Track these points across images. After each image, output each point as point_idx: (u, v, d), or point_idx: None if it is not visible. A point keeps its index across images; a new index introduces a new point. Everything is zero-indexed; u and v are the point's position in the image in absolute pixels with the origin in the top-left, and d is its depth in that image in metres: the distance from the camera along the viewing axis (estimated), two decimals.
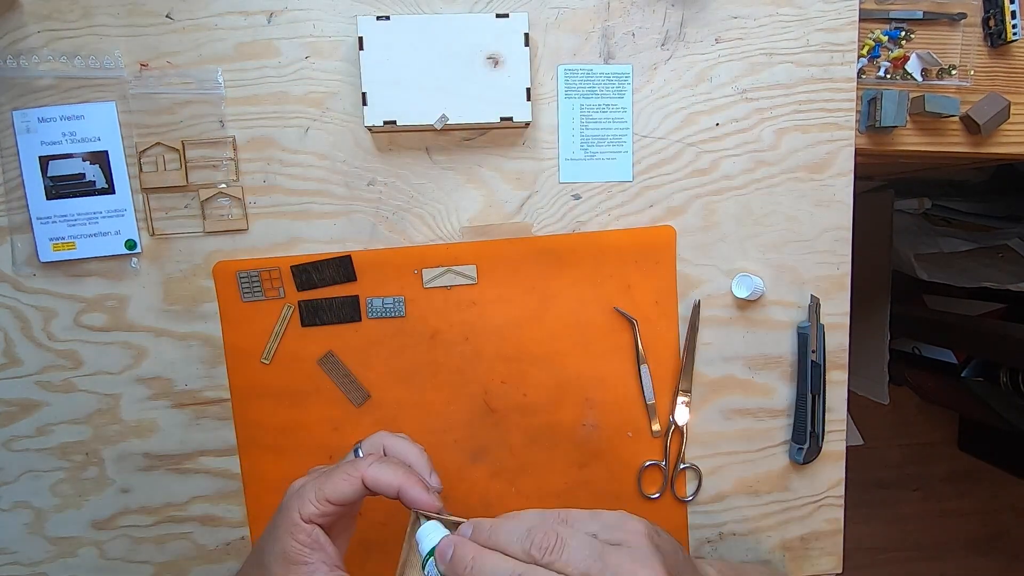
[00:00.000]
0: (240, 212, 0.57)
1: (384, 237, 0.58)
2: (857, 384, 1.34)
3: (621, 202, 0.59)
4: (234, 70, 0.55)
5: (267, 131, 0.56)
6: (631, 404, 0.60)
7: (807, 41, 0.59)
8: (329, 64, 0.56)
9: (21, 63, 0.54)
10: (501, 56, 0.54)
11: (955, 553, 1.68)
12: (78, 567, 0.59)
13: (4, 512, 0.58)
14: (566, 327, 0.59)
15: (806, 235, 0.61)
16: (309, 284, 0.58)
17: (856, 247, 0.62)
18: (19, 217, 0.55)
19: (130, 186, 0.56)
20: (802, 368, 0.61)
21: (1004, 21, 0.63)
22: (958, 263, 1.22)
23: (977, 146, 0.66)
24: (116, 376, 0.58)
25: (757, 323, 0.62)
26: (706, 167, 0.60)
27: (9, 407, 0.57)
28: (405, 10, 0.56)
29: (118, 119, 0.55)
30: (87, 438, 0.58)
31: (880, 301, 1.25)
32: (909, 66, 0.64)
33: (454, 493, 0.60)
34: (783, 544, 0.64)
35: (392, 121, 0.54)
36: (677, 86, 0.59)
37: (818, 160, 0.60)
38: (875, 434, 1.67)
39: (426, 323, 0.59)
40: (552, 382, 0.60)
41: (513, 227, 0.59)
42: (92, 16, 0.54)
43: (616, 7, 0.58)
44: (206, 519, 0.60)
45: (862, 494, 1.66)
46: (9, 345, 0.57)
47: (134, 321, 0.57)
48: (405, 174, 0.58)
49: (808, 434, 0.61)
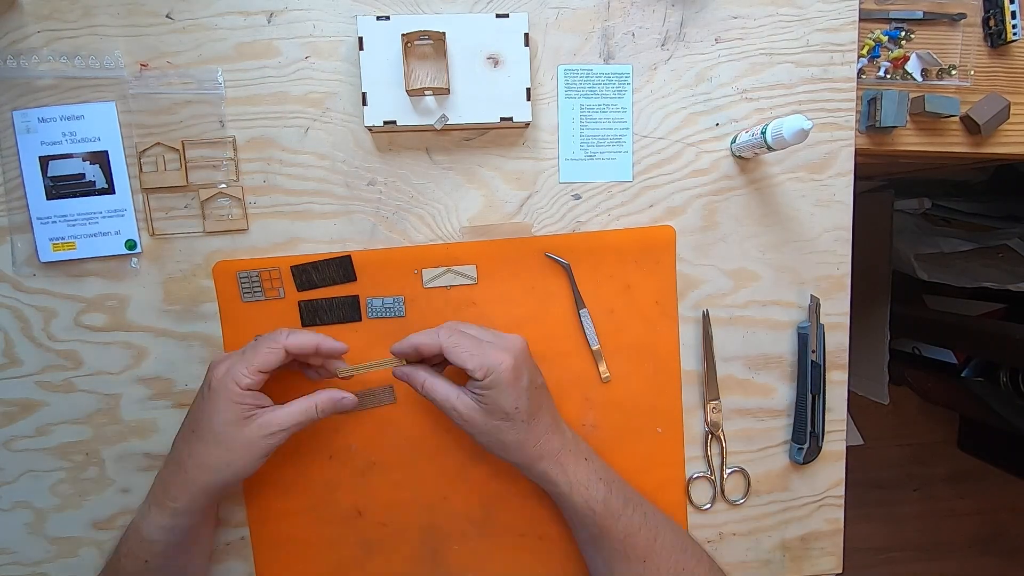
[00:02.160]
0: (240, 212, 0.57)
1: (384, 237, 0.58)
2: (857, 384, 1.34)
3: (621, 202, 0.59)
4: (234, 70, 0.55)
5: (267, 131, 0.56)
6: (631, 404, 0.60)
7: (807, 41, 0.59)
8: (329, 64, 0.56)
9: (21, 63, 0.54)
10: (501, 56, 0.54)
11: (955, 553, 1.68)
12: (78, 567, 0.59)
13: (4, 512, 0.58)
14: (566, 327, 0.59)
15: (806, 235, 0.61)
16: (309, 284, 0.58)
17: (856, 247, 0.62)
18: (19, 217, 0.55)
19: (130, 186, 0.56)
20: (802, 368, 0.61)
21: (1004, 21, 0.63)
22: (958, 263, 1.22)
23: (977, 146, 0.66)
24: (116, 376, 0.58)
25: (757, 323, 0.62)
26: (706, 167, 0.60)
27: (9, 407, 0.57)
28: (405, 10, 0.56)
29: (118, 119, 0.55)
30: (87, 438, 0.58)
31: (880, 301, 1.25)
32: (909, 66, 0.64)
33: (455, 494, 0.60)
34: (783, 544, 0.64)
35: (392, 121, 0.54)
36: (677, 86, 0.59)
37: (818, 160, 0.60)
38: (875, 434, 1.67)
39: (426, 323, 0.58)
40: (552, 382, 0.60)
41: (513, 227, 0.59)
42: (92, 16, 0.54)
43: (616, 7, 0.58)
44: None
45: (862, 494, 1.66)
46: (9, 345, 0.57)
47: (134, 321, 0.57)
48: (405, 174, 0.58)
49: (808, 434, 0.61)
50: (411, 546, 0.60)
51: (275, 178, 0.57)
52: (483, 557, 0.61)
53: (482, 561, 0.61)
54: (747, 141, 0.56)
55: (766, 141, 0.52)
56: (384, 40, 0.53)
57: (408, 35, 0.52)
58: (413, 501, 0.59)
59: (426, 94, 0.54)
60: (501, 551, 0.61)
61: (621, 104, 0.58)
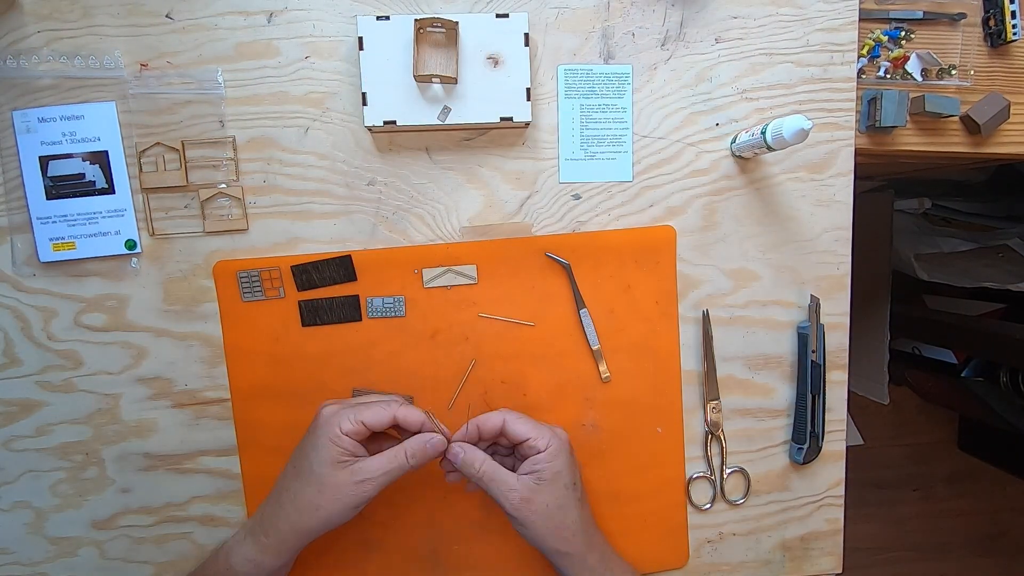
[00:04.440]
0: (240, 212, 0.57)
1: (384, 237, 0.58)
2: (857, 384, 1.34)
3: (621, 202, 0.59)
4: (234, 70, 0.55)
5: (267, 131, 0.56)
6: (631, 404, 0.60)
7: (807, 41, 0.59)
8: (329, 64, 0.56)
9: (21, 63, 0.54)
10: (501, 56, 0.54)
11: (955, 553, 1.68)
12: (78, 567, 0.59)
13: (4, 512, 0.58)
14: (566, 327, 0.59)
15: (806, 235, 0.61)
16: (309, 284, 0.58)
17: (856, 247, 0.62)
18: (19, 217, 0.55)
19: (130, 186, 0.56)
20: (802, 368, 0.61)
21: (1004, 21, 0.63)
22: (958, 263, 1.22)
23: (977, 146, 0.66)
24: (116, 376, 0.58)
25: (757, 323, 0.62)
26: (706, 167, 0.60)
27: (9, 407, 0.57)
28: (405, 10, 0.56)
29: (118, 119, 0.55)
30: (87, 438, 0.58)
31: (880, 301, 1.25)
32: (909, 66, 0.64)
33: (455, 494, 0.60)
34: (783, 544, 0.64)
35: (392, 121, 0.54)
36: (677, 86, 0.59)
37: (818, 160, 0.60)
38: (875, 434, 1.67)
39: (426, 323, 0.59)
40: (552, 382, 0.60)
41: (513, 227, 0.59)
42: (92, 16, 0.54)
43: (616, 7, 0.58)
44: (206, 519, 0.60)
45: (862, 494, 1.66)
46: (9, 345, 0.57)
47: (134, 321, 0.57)
48: (405, 174, 0.58)
49: (808, 434, 0.61)
50: (411, 546, 0.60)
51: (275, 178, 0.57)
52: (483, 557, 0.61)
53: (482, 561, 0.61)
54: (747, 141, 0.56)
55: (766, 141, 0.52)
56: (384, 40, 0.53)
57: (421, 21, 0.52)
58: (413, 501, 0.59)
59: (434, 82, 0.53)
60: (501, 551, 0.61)
61: (621, 104, 0.58)
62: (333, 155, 0.57)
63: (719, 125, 0.59)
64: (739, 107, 0.59)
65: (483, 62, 0.54)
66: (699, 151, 0.60)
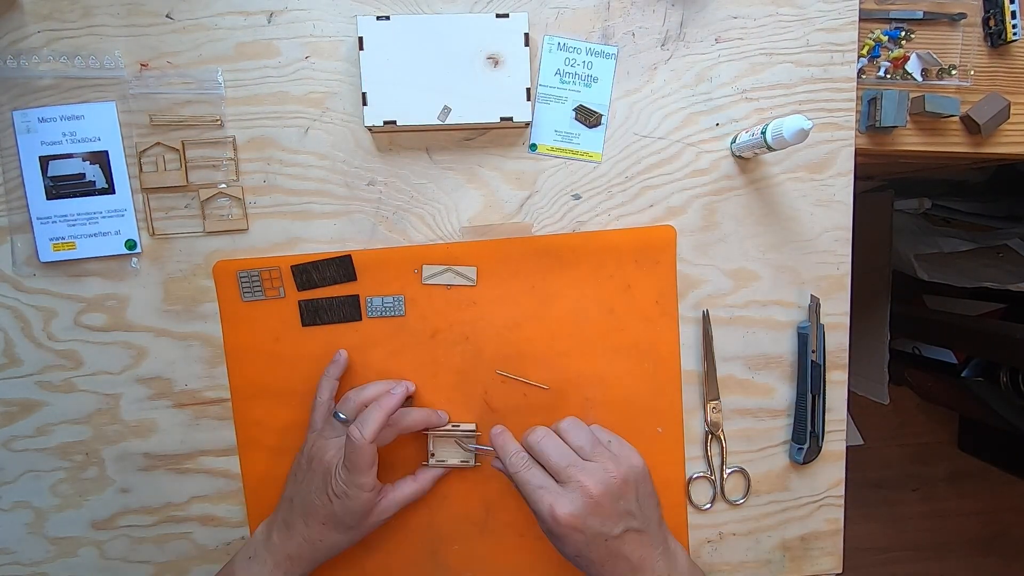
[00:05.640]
0: (240, 212, 0.57)
1: (384, 237, 0.58)
2: (857, 384, 1.34)
3: (621, 202, 0.59)
4: (234, 70, 0.55)
5: (267, 131, 0.56)
6: (631, 404, 0.60)
7: (807, 41, 0.59)
8: (329, 64, 0.56)
9: (21, 63, 0.54)
10: (501, 56, 0.54)
11: (955, 553, 1.68)
12: (78, 567, 0.59)
13: (4, 512, 0.58)
14: (566, 327, 0.59)
15: (806, 235, 0.61)
16: (309, 284, 0.58)
17: (856, 247, 0.62)
18: (19, 217, 0.55)
19: (130, 186, 0.56)
20: (802, 368, 0.61)
21: (1004, 21, 0.63)
22: (958, 263, 1.22)
23: (977, 146, 0.66)
24: (116, 376, 0.58)
25: (757, 323, 0.62)
26: (706, 167, 0.60)
27: (9, 407, 0.57)
28: (405, 10, 0.56)
29: (118, 119, 0.55)
30: (87, 438, 0.58)
31: (880, 301, 1.25)
32: (909, 66, 0.64)
33: (455, 494, 0.60)
34: (783, 544, 0.64)
35: (392, 121, 0.54)
36: (677, 86, 0.59)
37: (818, 160, 0.60)
38: (875, 434, 1.67)
39: (426, 323, 0.59)
40: (552, 382, 0.60)
41: (513, 227, 0.59)
42: (92, 16, 0.54)
43: (616, 7, 0.58)
44: (206, 519, 0.60)
45: (862, 494, 1.66)
46: (9, 345, 0.57)
47: (134, 321, 0.57)
48: (405, 174, 0.58)
49: (808, 434, 0.61)
50: (411, 546, 0.60)
51: (275, 178, 0.57)
52: (483, 557, 0.61)
53: (482, 561, 0.61)
54: (747, 141, 0.56)
55: (766, 141, 0.52)
56: (384, 40, 0.53)
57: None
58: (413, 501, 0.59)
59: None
60: (501, 551, 0.61)
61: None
62: (333, 155, 0.57)
63: (719, 125, 0.59)
64: (739, 107, 0.59)
65: (483, 62, 0.54)
66: (699, 151, 0.60)
